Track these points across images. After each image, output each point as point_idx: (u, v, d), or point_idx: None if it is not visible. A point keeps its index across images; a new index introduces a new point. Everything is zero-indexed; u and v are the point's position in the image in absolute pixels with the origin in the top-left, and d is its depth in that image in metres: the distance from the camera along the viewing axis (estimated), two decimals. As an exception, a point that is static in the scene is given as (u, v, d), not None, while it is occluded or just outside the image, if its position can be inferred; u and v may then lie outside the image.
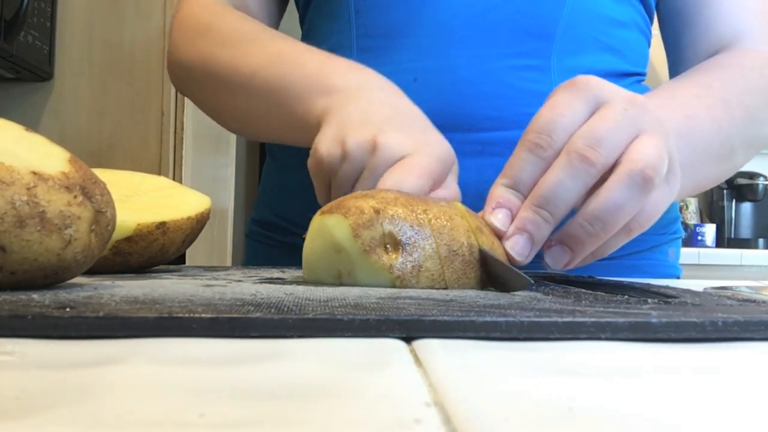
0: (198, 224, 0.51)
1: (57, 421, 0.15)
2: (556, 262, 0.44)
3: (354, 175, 0.49)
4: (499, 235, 0.42)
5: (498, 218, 0.43)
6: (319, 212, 0.41)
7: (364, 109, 0.51)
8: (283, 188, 0.74)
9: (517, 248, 0.42)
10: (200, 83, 0.68)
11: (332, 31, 0.67)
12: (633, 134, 0.43)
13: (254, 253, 0.78)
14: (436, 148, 0.49)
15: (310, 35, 0.72)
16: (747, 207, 3.04)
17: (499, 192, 0.43)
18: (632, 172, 0.41)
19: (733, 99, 0.61)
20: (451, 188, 0.50)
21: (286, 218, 0.73)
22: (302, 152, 0.71)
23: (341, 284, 0.39)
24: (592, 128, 0.42)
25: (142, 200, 0.51)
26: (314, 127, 0.52)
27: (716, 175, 0.64)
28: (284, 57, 0.58)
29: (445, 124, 0.58)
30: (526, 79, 0.62)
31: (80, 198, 0.33)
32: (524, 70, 0.63)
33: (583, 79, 0.45)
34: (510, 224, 0.42)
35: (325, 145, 0.50)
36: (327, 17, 0.69)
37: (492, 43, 0.62)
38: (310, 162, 0.51)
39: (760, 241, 3.01)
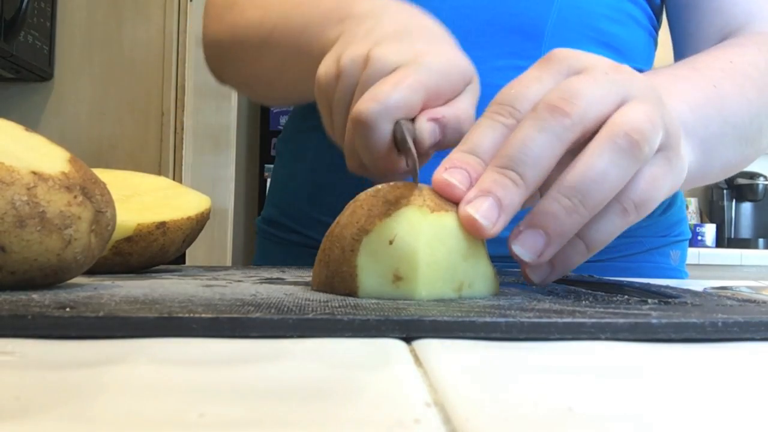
0: (198, 224, 0.51)
1: (57, 421, 0.15)
2: (529, 249, 0.34)
3: (349, 92, 0.43)
4: (455, 198, 0.34)
5: (454, 175, 0.34)
6: (414, 206, 0.33)
7: (371, 28, 0.46)
8: (286, 186, 0.75)
9: (482, 210, 0.33)
10: (229, 55, 0.67)
11: None
12: (618, 99, 0.36)
13: (263, 251, 0.78)
14: (439, 59, 0.42)
15: None
16: (747, 207, 3.04)
17: (453, 155, 0.35)
18: (614, 134, 0.34)
19: (758, 76, 0.56)
20: (457, 106, 0.43)
21: (291, 216, 0.73)
22: (305, 150, 0.71)
23: (461, 298, 0.34)
24: (566, 84, 0.36)
25: (142, 200, 0.51)
26: None
27: (744, 156, 0.58)
28: (303, 2, 0.55)
29: None
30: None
31: (80, 198, 0.33)
32: (514, 70, 0.62)
33: (559, 51, 0.38)
34: (469, 186, 0.34)
35: (323, 66, 0.45)
36: None
37: (481, 43, 0.62)
38: (314, 89, 0.47)
39: (760, 241, 3.01)
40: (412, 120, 0.41)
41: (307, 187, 0.70)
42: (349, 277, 0.33)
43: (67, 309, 0.25)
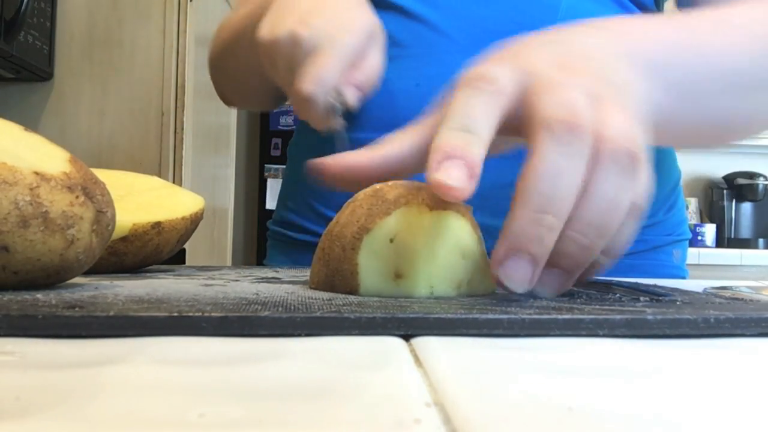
0: (192, 224, 0.52)
1: (57, 421, 0.15)
2: (551, 288, 0.34)
3: (287, 62, 0.55)
4: (457, 200, 0.32)
5: (449, 173, 0.32)
6: (413, 205, 0.34)
7: (293, 4, 0.57)
8: (297, 187, 0.76)
9: (517, 276, 0.32)
10: (223, 68, 0.75)
11: None
12: (588, 101, 0.35)
13: (275, 252, 0.79)
14: (348, 34, 0.53)
15: None
16: (747, 207, 3.04)
17: (444, 138, 0.34)
18: (617, 155, 0.33)
19: (758, 26, 0.52)
20: (367, 66, 0.54)
21: (303, 215, 0.74)
22: (316, 151, 0.72)
23: (459, 295, 0.34)
24: (552, 94, 0.34)
25: (137, 200, 0.51)
26: None
27: (751, 112, 0.53)
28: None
29: None
30: None
31: (82, 198, 0.33)
32: None
33: (476, 70, 0.37)
34: (468, 180, 0.32)
35: (262, 31, 0.56)
36: None
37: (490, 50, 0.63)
38: (259, 50, 0.57)
39: (760, 241, 3.01)
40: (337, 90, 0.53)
41: (318, 187, 0.71)
42: (350, 275, 0.34)
43: (77, 309, 0.25)
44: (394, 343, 0.25)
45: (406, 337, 0.25)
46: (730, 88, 0.50)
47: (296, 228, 0.74)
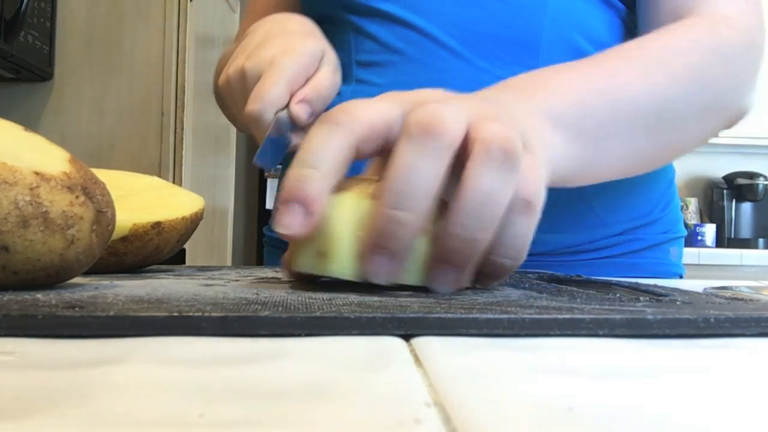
0: (192, 224, 0.52)
1: (57, 421, 0.15)
2: (446, 285, 0.35)
3: (240, 94, 0.58)
4: (293, 238, 0.36)
5: (284, 219, 0.35)
6: (352, 193, 0.37)
7: (246, 43, 0.60)
8: None
9: (380, 270, 0.35)
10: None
11: (335, 50, 0.72)
12: (465, 118, 0.36)
13: (272, 258, 0.79)
14: (290, 56, 0.55)
15: None
16: (747, 207, 3.04)
17: (288, 178, 0.36)
18: (489, 150, 0.34)
19: (674, 59, 0.54)
20: (315, 81, 0.56)
21: None
22: None
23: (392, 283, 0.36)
24: (423, 109, 0.35)
25: (136, 200, 0.51)
26: None
27: (659, 147, 0.56)
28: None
29: None
30: None
31: (82, 198, 0.33)
32: None
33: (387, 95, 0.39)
34: (303, 218, 0.35)
35: (222, 75, 0.61)
36: (330, 39, 0.74)
37: (481, 55, 0.64)
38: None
39: (760, 241, 3.01)
40: (288, 106, 0.55)
41: None
42: (292, 254, 0.38)
43: (77, 309, 0.25)
44: (394, 343, 0.25)
45: (406, 337, 0.25)
46: (637, 130, 0.53)
47: None
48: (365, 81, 0.68)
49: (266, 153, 0.54)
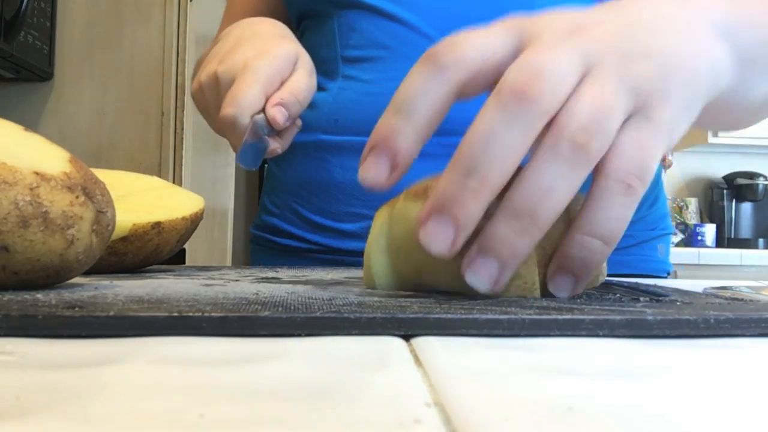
0: (192, 224, 0.52)
1: (57, 421, 0.15)
2: (484, 278, 0.32)
3: (212, 100, 0.58)
4: (366, 186, 0.33)
5: (368, 171, 0.33)
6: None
7: (218, 48, 0.61)
8: (279, 190, 0.75)
9: (436, 237, 0.31)
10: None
11: (320, 45, 0.72)
12: (580, 71, 0.32)
13: (257, 258, 0.79)
14: (264, 59, 0.55)
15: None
16: (747, 207, 3.04)
17: (379, 125, 0.33)
18: (558, 142, 0.31)
19: None
20: (290, 84, 0.55)
21: (285, 218, 0.73)
22: (295, 154, 0.72)
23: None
24: (526, 60, 0.31)
25: (136, 200, 0.51)
26: None
27: None
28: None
29: None
30: None
31: (82, 198, 0.33)
32: None
33: (511, 17, 0.36)
34: (387, 174, 0.32)
35: (194, 83, 0.62)
36: (315, 34, 0.73)
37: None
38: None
39: (760, 241, 3.01)
40: (264, 110, 0.55)
41: (299, 190, 0.71)
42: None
43: (76, 309, 0.25)
44: (394, 343, 0.25)
45: (406, 337, 0.25)
46: None
47: (279, 232, 0.74)
48: (352, 77, 0.67)
49: (246, 155, 0.54)
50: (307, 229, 0.70)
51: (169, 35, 1.72)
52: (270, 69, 0.54)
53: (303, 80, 0.57)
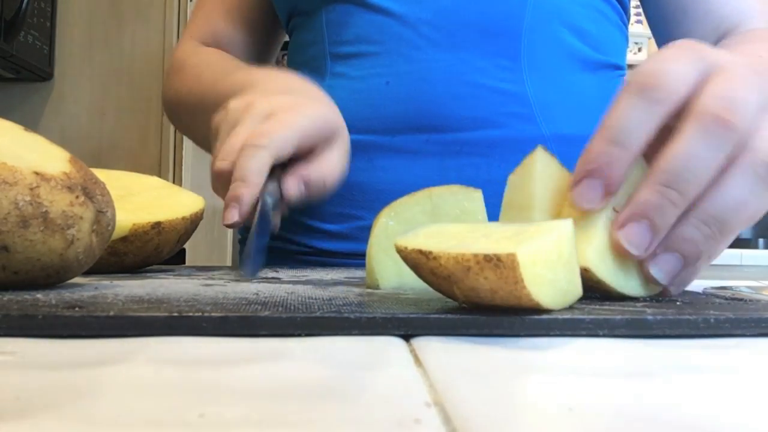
0: (192, 224, 0.52)
1: (57, 421, 0.15)
2: (666, 273, 0.34)
3: (230, 127, 0.52)
4: (581, 208, 0.35)
5: (584, 194, 0.34)
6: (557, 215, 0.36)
7: (258, 88, 0.57)
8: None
9: (635, 239, 0.33)
10: (176, 115, 0.79)
11: (309, 42, 0.71)
12: (763, 105, 0.35)
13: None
14: (312, 109, 0.51)
15: (293, 49, 0.76)
16: (747, 207, 3.03)
17: (593, 147, 0.35)
18: (754, 164, 0.34)
19: None
20: (323, 163, 0.51)
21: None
22: None
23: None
24: (723, 87, 0.34)
25: (136, 200, 0.51)
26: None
27: None
28: (226, 74, 0.65)
29: (419, 125, 0.62)
30: (498, 78, 0.63)
31: (82, 198, 0.33)
32: (495, 70, 0.64)
33: (686, 41, 0.38)
34: (601, 199, 0.34)
35: (217, 115, 0.55)
36: (304, 31, 0.72)
37: (460, 45, 0.63)
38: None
39: (760, 241, 3.01)
40: (283, 166, 0.50)
41: None
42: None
43: (76, 309, 0.25)
44: (394, 343, 0.25)
45: (406, 337, 0.25)
46: None
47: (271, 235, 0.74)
48: (341, 74, 0.66)
49: (253, 262, 0.41)
50: (291, 229, 0.69)
51: (169, 35, 1.72)
52: (313, 121, 0.50)
53: (335, 163, 0.52)
